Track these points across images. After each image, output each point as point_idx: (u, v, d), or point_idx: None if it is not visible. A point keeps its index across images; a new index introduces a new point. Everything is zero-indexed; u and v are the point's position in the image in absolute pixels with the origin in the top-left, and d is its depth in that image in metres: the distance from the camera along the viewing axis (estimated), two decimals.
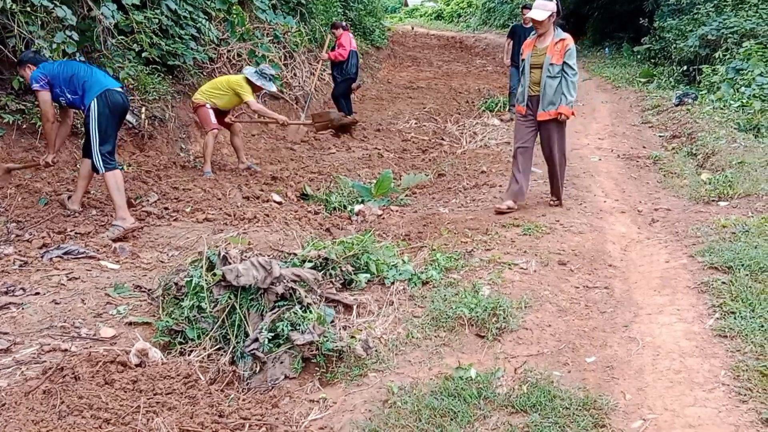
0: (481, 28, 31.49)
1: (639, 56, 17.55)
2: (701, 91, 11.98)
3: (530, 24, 10.20)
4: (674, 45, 15.13)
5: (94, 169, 5.53)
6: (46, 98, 5.41)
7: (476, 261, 4.75)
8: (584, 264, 4.83)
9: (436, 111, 12.75)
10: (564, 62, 5.88)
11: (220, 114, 7.75)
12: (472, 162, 8.53)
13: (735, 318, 3.64)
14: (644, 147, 9.29)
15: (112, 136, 5.57)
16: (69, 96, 5.45)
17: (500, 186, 7.14)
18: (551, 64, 5.89)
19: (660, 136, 9.99)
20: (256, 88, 7.72)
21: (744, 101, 10.14)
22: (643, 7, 18.63)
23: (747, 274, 4.12)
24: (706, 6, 14.86)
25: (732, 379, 3.11)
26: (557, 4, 5.88)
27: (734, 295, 3.90)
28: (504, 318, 3.84)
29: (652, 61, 16.71)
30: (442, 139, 10.33)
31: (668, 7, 16.81)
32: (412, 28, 32.72)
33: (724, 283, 4.10)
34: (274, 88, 8.27)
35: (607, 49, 20.56)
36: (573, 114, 6.06)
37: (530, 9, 10.25)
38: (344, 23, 11.86)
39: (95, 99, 5.40)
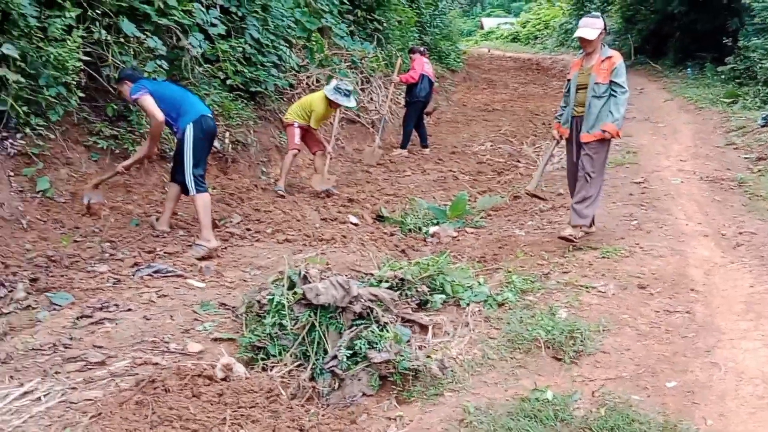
0: (558, 50, 31.26)
1: (723, 76, 17.08)
2: None
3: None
4: (760, 65, 14.66)
5: (184, 191, 5.79)
6: (150, 100, 5.60)
7: (553, 283, 4.74)
8: (665, 288, 4.74)
9: (512, 133, 12.72)
10: (611, 81, 5.56)
11: (308, 131, 8.02)
12: (548, 184, 8.48)
13: None
14: (728, 169, 9.02)
15: (204, 160, 5.83)
16: (163, 113, 5.71)
17: None
18: (596, 84, 5.59)
19: (745, 158, 9.67)
20: (333, 104, 7.88)
21: None
22: (727, 26, 18.18)
23: None
24: None
25: None
26: (604, 21, 5.73)
27: None
28: (581, 341, 3.82)
29: (737, 81, 16.23)
30: (518, 161, 10.30)
31: (753, 26, 16.30)
32: (489, 51, 32.76)
33: None
34: (350, 104, 8.13)
35: (689, 69, 20.08)
36: (618, 135, 5.70)
37: None
38: (422, 48, 11.90)
39: (191, 123, 5.64)
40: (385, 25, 13.70)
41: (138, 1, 6.90)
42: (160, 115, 5.62)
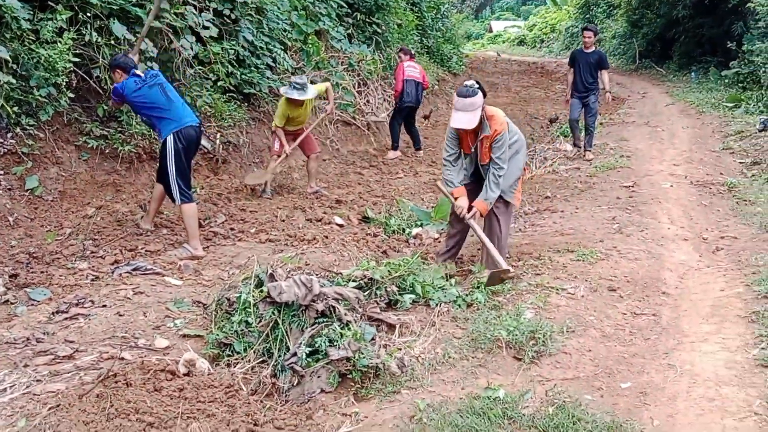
0: (564, 53, 31.22)
1: (727, 80, 17.06)
2: None
3: (592, 48, 10.09)
4: (763, 69, 14.62)
5: (170, 198, 5.86)
6: (116, 93, 5.72)
7: (524, 285, 4.78)
8: (635, 291, 4.78)
9: None
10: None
11: (306, 137, 8.10)
12: (538, 187, 8.52)
13: None
14: (721, 174, 9.02)
15: (188, 169, 5.84)
16: (146, 117, 5.85)
17: (562, 211, 7.12)
18: (481, 165, 5.25)
19: (740, 163, 9.67)
20: (292, 101, 7.66)
21: None
22: (732, 30, 18.12)
23: None
24: None
25: (766, 409, 3.04)
26: (482, 89, 5.09)
27: None
28: (543, 341, 3.86)
29: (741, 85, 16.20)
30: None
31: (757, 31, 16.25)
32: (499, 55, 32.67)
33: None
34: (303, 96, 7.59)
35: (693, 73, 20.05)
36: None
37: (590, 31, 10.15)
38: (408, 48, 11.55)
39: (172, 134, 5.63)
40: (384, 28, 13.75)
41: (130, 4, 7.01)
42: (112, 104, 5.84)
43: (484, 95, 5.02)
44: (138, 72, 5.77)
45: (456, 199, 5.23)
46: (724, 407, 3.12)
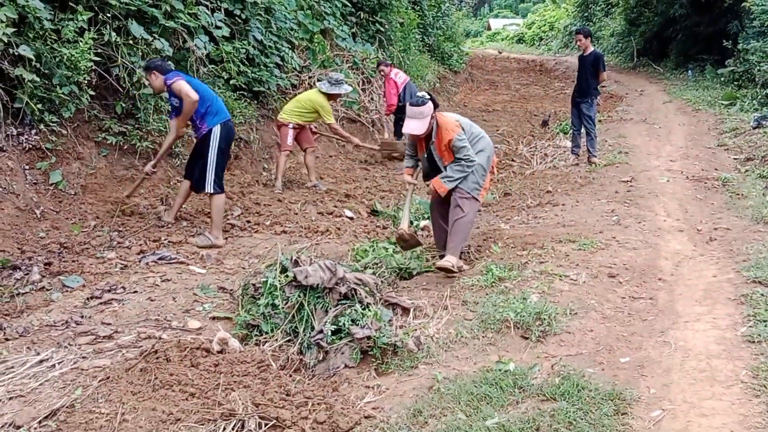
0: (562, 51, 31.56)
1: (723, 79, 17.33)
2: None
3: (589, 50, 10.14)
4: (758, 67, 14.90)
5: (194, 188, 6.13)
6: (186, 85, 5.84)
7: (529, 272, 5.08)
8: (634, 277, 5.07)
9: (509, 133, 13.06)
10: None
11: (302, 129, 8.38)
12: (539, 182, 8.82)
13: (765, 326, 3.86)
14: (716, 169, 9.32)
15: (225, 162, 6.14)
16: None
17: (563, 205, 7.42)
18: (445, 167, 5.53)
19: (734, 159, 9.97)
20: (332, 97, 8.27)
21: None
22: (728, 29, 18.40)
23: None
24: None
25: (751, 377, 3.35)
26: (433, 100, 5.40)
27: None
28: (548, 322, 4.16)
29: (736, 83, 16.47)
30: (512, 160, 10.65)
31: (753, 29, 16.54)
32: (500, 53, 32.94)
33: (763, 295, 4.31)
34: (346, 89, 8.53)
35: (690, 71, 20.34)
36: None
37: (579, 33, 10.24)
38: (388, 62, 11.43)
39: (220, 125, 5.94)
40: (387, 27, 14.05)
41: (146, 5, 7.29)
42: (194, 95, 5.83)
43: (436, 106, 5.41)
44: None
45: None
46: (714, 377, 3.43)
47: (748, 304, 4.25)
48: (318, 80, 9.26)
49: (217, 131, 5.94)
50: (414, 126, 5.33)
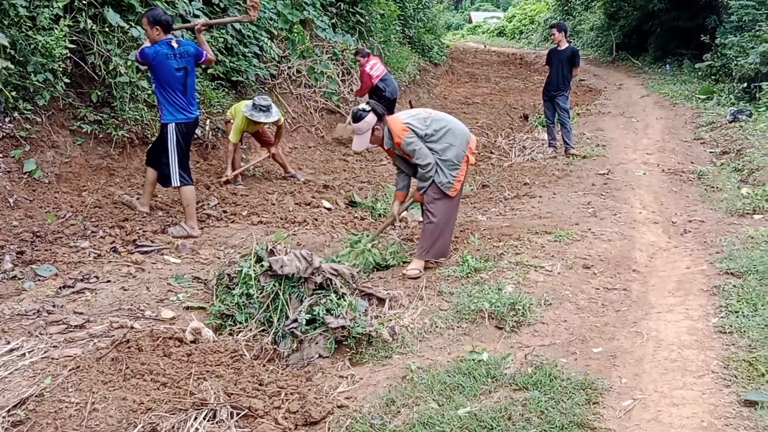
0: (542, 45, 31.65)
1: (700, 73, 17.49)
2: (760, 108, 11.92)
3: (564, 45, 10.15)
4: (735, 62, 15.06)
5: (164, 183, 6.06)
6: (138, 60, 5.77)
7: (505, 263, 5.10)
8: (608, 268, 5.12)
9: (488, 126, 13.08)
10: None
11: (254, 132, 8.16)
12: (517, 174, 8.85)
13: (737, 316, 3.91)
14: (692, 162, 9.43)
15: (186, 155, 6.09)
16: (158, 89, 5.85)
17: (540, 197, 7.45)
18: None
19: (710, 152, 10.08)
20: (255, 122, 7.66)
21: None
22: (706, 23, 18.57)
23: (757, 279, 4.37)
24: None
25: (722, 367, 3.40)
26: (376, 111, 5.19)
27: (740, 297, 4.16)
28: (522, 313, 4.19)
29: (713, 77, 16.63)
30: (491, 152, 10.67)
31: (730, 24, 16.70)
32: (485, 46, 32.92)
33: (734, 286, 4.36)
34: (270, 119, 7.62)
35: (668, 65, 20.50)
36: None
37: (558, 29, 10.25)
38: (366, 51, 10.99)
39: (174, 125, 5.86)
40: (367, 18, 14.00)
41: None
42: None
43: (379, 115, 5.19)
44: (173, 42, 5.82)
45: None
46: (685, 367, 3.47)
47: (720, 295, 4.31)
48: (248, 98, 8.76)
49: (171, 130, 5.87)
50: (355, 143, 5.24)
